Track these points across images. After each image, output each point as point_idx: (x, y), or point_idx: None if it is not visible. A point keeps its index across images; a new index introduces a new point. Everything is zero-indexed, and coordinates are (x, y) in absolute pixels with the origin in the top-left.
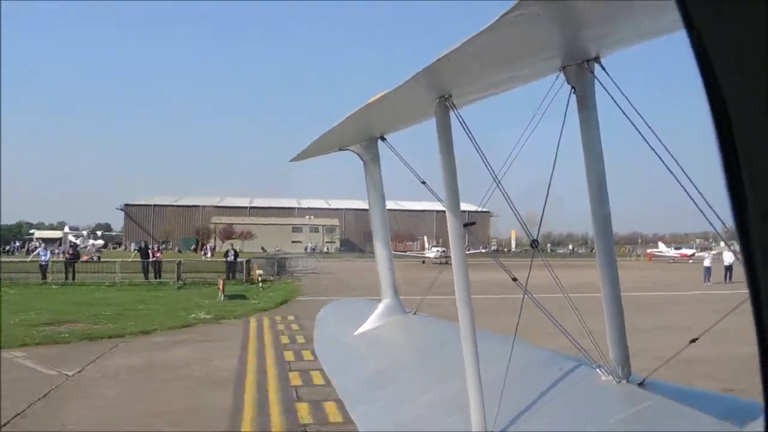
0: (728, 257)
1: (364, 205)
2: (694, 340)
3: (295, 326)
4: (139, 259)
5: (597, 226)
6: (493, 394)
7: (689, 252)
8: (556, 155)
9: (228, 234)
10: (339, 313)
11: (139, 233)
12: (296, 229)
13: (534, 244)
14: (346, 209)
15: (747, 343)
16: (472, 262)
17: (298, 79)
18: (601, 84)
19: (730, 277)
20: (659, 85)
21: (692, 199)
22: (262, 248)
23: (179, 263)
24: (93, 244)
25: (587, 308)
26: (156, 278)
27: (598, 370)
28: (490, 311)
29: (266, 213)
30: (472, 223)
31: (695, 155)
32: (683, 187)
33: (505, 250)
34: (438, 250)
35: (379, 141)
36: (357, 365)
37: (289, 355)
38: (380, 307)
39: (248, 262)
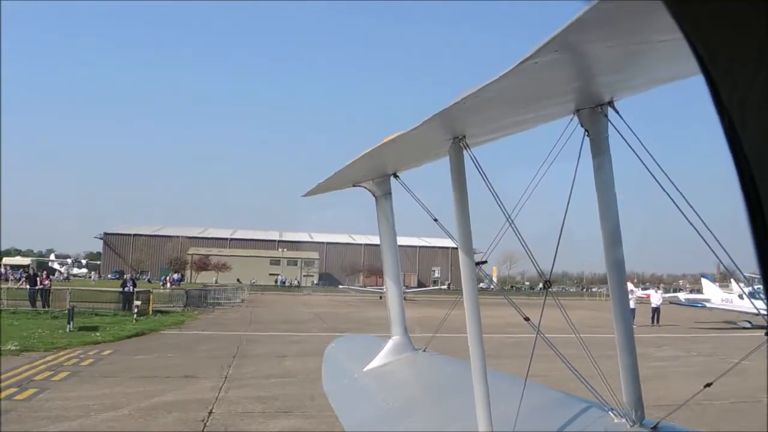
0: (656, 299)
1: (347, 239)
2: (708, 385)
3: (89, 361)
4: (26, 287)
5: (610, 268)
6: None
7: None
8: (570, 196)
9: (202, 265)
10: (348, 349)
11: (118, 262)
12: (274, 261)
13: (546, 284)
14: (327, 243)
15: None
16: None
17: (294, 110)
18: (615, 127)
19: (658, 320)
20: (673, 128)
21: (704, 239)
22: (238, 280)
23: (39, 291)
24: (66, 272)
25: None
26: (44, 306)
27: (610, 412)
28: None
29: (248, 245)
30: (483, 261)
31: (706, 197)
32: (695, 228)
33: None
34: None
35: (392, 178)
36: (365, 402)
37: (4, 393)
38: (390, 343)
39: (146, 292)
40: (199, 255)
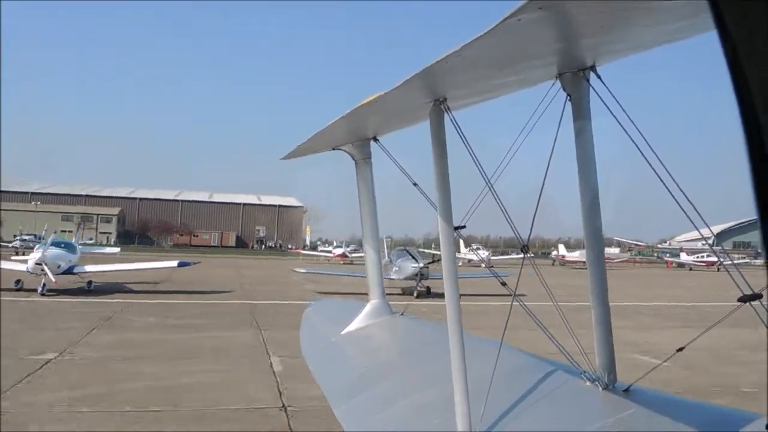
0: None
1: (153, 194)
2: (680, 349)
3: None
4: None
5: (588, 233)
6: (478, 396)
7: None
8: (549, 161)
9: None
10: (325, 313)
11: None
12: (67, 217)
13: (524, 249)
14: (140, 198)
15: None
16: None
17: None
18: (596, 92)
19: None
20: (654, 94)
21: (681, 206)
22: (14, 236)
23: None
24: None
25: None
26: None
27: (583, 376)
28: None
29: (52, 200)
30: (462, 226)
31: (684, 162)
32: (671, 194)
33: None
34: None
35: (372, 142)
36: (343, 365)
37: None
38: (368, 307)
39: None
40: None
